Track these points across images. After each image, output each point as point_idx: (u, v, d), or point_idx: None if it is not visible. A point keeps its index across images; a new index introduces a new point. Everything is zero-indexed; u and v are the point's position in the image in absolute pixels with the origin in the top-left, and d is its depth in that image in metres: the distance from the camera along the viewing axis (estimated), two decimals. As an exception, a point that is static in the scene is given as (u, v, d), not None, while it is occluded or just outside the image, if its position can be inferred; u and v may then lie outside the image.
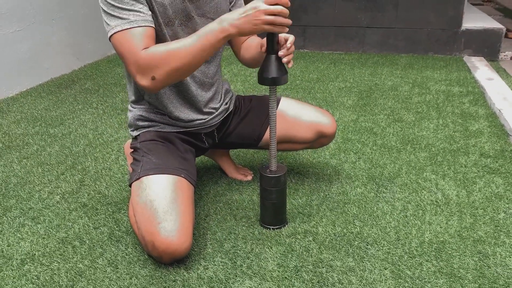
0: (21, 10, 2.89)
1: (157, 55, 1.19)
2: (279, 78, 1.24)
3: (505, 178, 1.72)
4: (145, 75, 1.21)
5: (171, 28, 1.31)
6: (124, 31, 1.19)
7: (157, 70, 1.21)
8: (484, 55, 3.56)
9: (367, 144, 2.05)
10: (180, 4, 1.30)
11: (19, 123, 2.38)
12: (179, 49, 1.20)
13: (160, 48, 1.21)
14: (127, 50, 1.20)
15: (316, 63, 3.50)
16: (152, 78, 1.21)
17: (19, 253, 1.34)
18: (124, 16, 1.19)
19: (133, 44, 1.19)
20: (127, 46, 1.20)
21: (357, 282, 1.20)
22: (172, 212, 1.21)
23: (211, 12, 1.37)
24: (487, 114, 2.37)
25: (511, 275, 1.22)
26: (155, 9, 1.26)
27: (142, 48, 1.20)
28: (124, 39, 1.20)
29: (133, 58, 1.20)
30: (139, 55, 1.19)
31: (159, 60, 1.19)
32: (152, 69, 1.20)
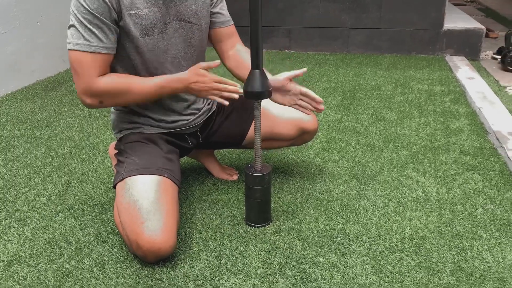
0: (6, 13, 2.88)
1: (112, 87, 1.30)
2: (263, 93, 1.30)
3: (483, 175, 1.77)
4: (92, 97, 1.31)
5: (151, 38, 1.33)
6: (84, 52, 1.25)
7: (107, 99, 1.33)
8: (465, 54, 3.64)
9: (350, 143, 2.09)
10: (158, 12, 1.31)
11: (4, 125, 2.38)
12: (135, 88, 1.32)
13: (118, 81, 1.31)
14: (82, 71, 1.27)
15: (301, 63, 3.54)
16: (99, 102, 1.32)
17: (5, 255, 1.35)
18: (88, 37, 1.24)
19: (89, 69, 1.27)
20: (83, 69, 1.27)
21: (339, 278, 1.24)
22: (156, 211, 1.23)
23: (191, 16, 1.39)
24: (467, 112, 2.43)
25: (487, 268, 1.27)
26: (130, 23, 1.27)
27: (97, 75, 1.28)
28: (81, 60, 1.26)
29: (86, 82, 1.28)
30: (93, 82, 1.28)
31: (112, 92, 1.31)
32: (102, 96, 1.31)
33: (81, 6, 1.21)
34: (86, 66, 1.26)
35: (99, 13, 1.22)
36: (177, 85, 1.33)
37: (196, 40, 1.43)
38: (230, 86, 1.33)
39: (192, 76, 1.32)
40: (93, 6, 1.21)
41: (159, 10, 1.31)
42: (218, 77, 1.33)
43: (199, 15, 1.41)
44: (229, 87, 1.33)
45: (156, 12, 1.31)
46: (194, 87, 1.33)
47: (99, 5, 1.21)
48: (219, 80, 1.33)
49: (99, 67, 1.28)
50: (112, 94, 1.31)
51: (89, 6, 1.21)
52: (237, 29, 1.58)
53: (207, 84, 1.32)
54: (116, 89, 1.30)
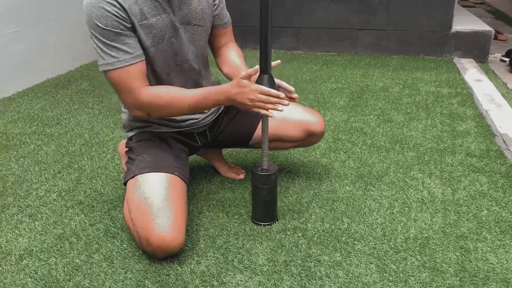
0: (18, 12, 2.92)
1: (158, 100, 1.31)
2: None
3: (489, 177, 1.78)
4: (141, 110, 1.34)
5: (162, 45, 1.34)
6: (117, 70, 1.26)
7: (155, 112, 1.34)
8: (473, 57, 3.63)
9: (357, 143, 2.11)
10: (166, 18, 1.32)
11: (16, 123, 2.42)
12: (180, 99, 1.32)
13: (163, 92, 1.31)
14: (125, 89, 1.29)
15: (309, 64, 3.55)
16: (147, 114, 1.35)
17: (17, 248, 1.39)
18: (114, 54, 1.25)
19: (131, 84, 1.28)
20: (125, 86, 1.29)
21: (344, 276, 1.26)
22: (166, 208, 1.26)
23: (197, 19, 1.40)
24: (474, 114, 2.43)
25: (491, 269, 1.28)
26: (141, 34, 1.29)
27: (141, 87, 1.29)
28: (116, 78, 1.28)
29: (133, 96, 1.30)
30: (140, 95, 1.29)
31: (159, 105, 1.31)
32: (150, 109, 1.33)
33: (96, 26, 1.22)
34: (124, 83, 1.28)
35: (114, 27, 1.23)
36: (219, 97, 1.30)
37: (202, 41, 1.46)
38: (274, 98, 1.26)
39: (233, 88, 1.28)
40: (107, 24, 1.22)
41: (167, 17, 1.32)
42: (261, 88, 1.26)
43: (204, 17, 1.43)
44: (272, 99, 1.26)
45: (165, 18, 1.32)
46: (237, 99, 1.27)
47: (113, 21, 1.22)
48: (262, 92, 1.26)
49: (136, 78, 1.28)
50: (158, 107, 1.32)
51: (103, 25, 1.22)
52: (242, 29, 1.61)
53: (249, 96, 1.26)
54: (160, 102, 1.31)
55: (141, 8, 1.27)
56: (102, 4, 1.21)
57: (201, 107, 1.34)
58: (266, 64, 1.28)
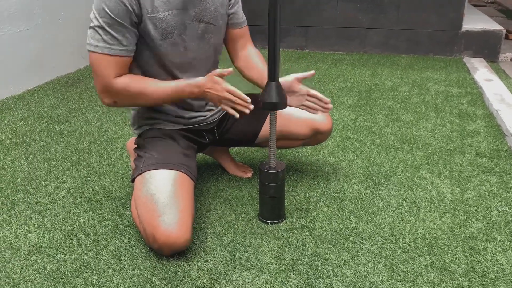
0: (29, 10, 2.95)
1: (128, 89, 1.33)
2: (279, 104, 1.33)
3: (499, 177, 1.76)
4: (109, 97, 1.35)
5: (171, 40, 1.35)
6: (103, 55, 1.29)
7: (123, 100, 1.37)
8: (484, 56, 3.60)
9: (365, 143, 2.10)
10: (178, 14, 1.33)
11: (26, 120, 2.44)
12: (150, 91, 1.34)
13: (134, 82, 1.34)
14: (100, 72, 1.31)
15: (318, 63, 3.54)
16: (114, 102, 1.36)
17: (26, 244, 1.40)
18: (108, 39, 1.27)
19: (107, 70, 1.30)
20: (102, 70, 1.31)
21: (351, 275, 1.25)
22: (172, 205, 1.26)
23: (209, 17, 1.41)
24: (484, 114, 2.41)
25: (501, 269, 1.27)
26: (149, 26, 1.30)
27: (113, 76, 1.31)
28: (100, 61, 1.30)
29: (105, 82, 1.32)
30: (111, 82, 1.32)
31: (128, 94, 1.34)
32: (118, 97, 1.35)
33: (103, 10, 1.24)
34: (104, 68, 1.30)
35: (119, 17, 1.24)
36: (193, 89, 1.35)
37: (215, 40, 1.46)
38: (241, 100, 1.31)
39: (207, 82, 1.33)
40: (114, 11, 1.23)
41: (178, 13, 1.33)
42: (230, 88, 1.32)
43: (218, 16, 1.43)
44: (239, 101, 1.31)
45: (176, 14, 1.33)
46: (208, 93, 1.34)
47: (121, 10, 1.24)
48: (230, 91, 1.31)
49: (118, 68, 1.31)
50: (127, 95, 1.34)
51: (110, 11, 1.23)
52: (251, 28, 1.61)
53: (219, 92, 1.32)
54: (131, 90, 1.33)
55: (153, 1, 1.28)
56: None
57: (174, 99, 1.38)
58: (274, 72, 1.31)
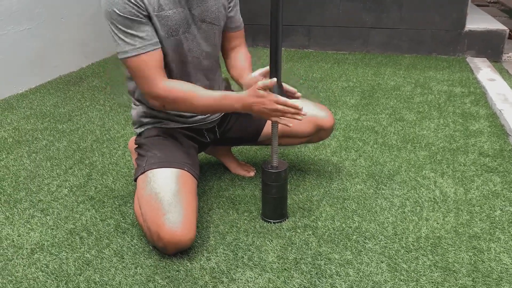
0: (31, 9, 2.95)
1: (175, 95, 1.32)
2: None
3: (502, 177, 1.76)
4: (158, 101, 1.35)
5: (176, 38, 1.35)
6: (134, 58, 1.28)
7: (170, 104, 1.36)
8: (487, 56, 3.58)
9: (368, 142, 2.09)
10: (182, 12, 1.34)
11: (28, 119, 2.44)
12: (197, 98, 1.33)
13: (181, 88, 1.33)
14: (144, 78, 1.30)
15: (320, 62, 3.54)
16: (163, 105, 1.36)
17: (29, 243, 1.40)
18: (130, 41, 1.27)
19: (147, 73, 1.29)
20: (141, 74, 1.30)
21: (354, 274, 1.25)
22: (176, 204, 1.26)
23: (212, 17, 1.41)
24: (487, 114, 2.40)
25: (505, 269, 1.26)
26: (157, 24, 1.30)
27: (160, 79, 1.31)
28: (134, 65, 1.29)
29: (151, 87, 1.31)
30: (158, 87, 1.31)
31: (175, 99, 1.33)
32: (165, 102, 1.34)
33: (115, 13, 1.24)
34: (141, 71, 1.29)
35: (132, 15, 1.25)
36: (235, 103, 1.32)
37: (216, 40, 1.46)
38: (292, 108, 1.28)
39: (250, 97, 1.29)
40: (125, 11, 1.24)
41: (182, 11, 1.34)
42: (279, 98, 1.28)
43: (219, 16, 1.43)
44: (291, 110, 1.28)
45: (180, 12, 1.33)
46: (255, 108, 1.30)
47: (131, 9, 1.24)
48: (280, 102, 1.27)
49: (152, 66, 1.30)
50: (173, 101, 1.34)
51: (122, 12, 1.23)
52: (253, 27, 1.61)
53: (267, 106, 1.28)
54: (175, 97, 1.33)
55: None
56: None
57: (215, 109, 1.37)
58: (276, 74, 1.31)
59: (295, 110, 1.29)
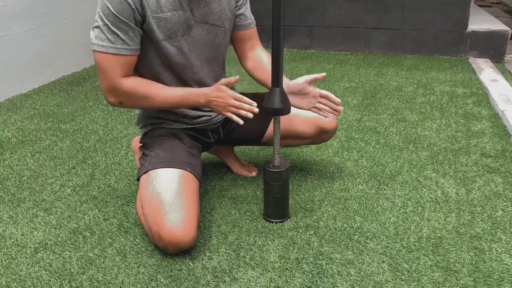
0: (35, 10, 2.97)
1: (135, 91, 1.33)
2: (282, 109, 1.34)
3: (504, 177, 1.76)
4: (115, 97, 1.35)
5: (175, 40, 1.35)
6: (108, 54, 1.29)
7: (128, 101, 1.36)
8: (489, 56, 3.58)
9: (370, 142, 2.10)
10: (183, 14, 1.33)
11: (32, 118, 2.46)
12: (158, 94, 1.35)
13: (140, 85, 1.34)
14: (106, 71, 1.31)
15: (322, 63, 3.54)
16: (119, 102, 1.36)
17: (32, 241, 1.41)
18: (112, 39, 1.27)
19: (112, 69, 1.30)
20: (107, 69, 1.30)
21: (356, 274, 1.25)
22: (178, 204, 1.26)
23: (215, 19, 1.40)
24: (490, 115, 2.40)
25: (506, 270, 1.26)
26: (154, 26, 1.30)
27: (119, 76, 1.31)
28: (106, 61, 1.30)
29: (110, 81, 1.32)
30: (118, 83, 1.32)
31: (134, 96, 1.34)
32: (123, 97, 1.35)
33: (107, 9, 1.24)
34: (110, 67, 1.30)
35: (124, 16, 1.25)
36: (198, 99, 1.36)
37: (219, 42, 1.46)
38: (246, 105, 1.32)
39: (212, 91, 1.33)
40: (118, 10, 1.24)
41: (183, 13, 1.33)
42: (236, 95, 1.32)
43: (223, 17, 1.43)
44: (245, 106, 1.31)
45: (181, 15, 1.33)
46: (213, 102, 1.34)
47: (125, 9, 1.24)
48: (236, 98, 1.32)
49: (123, 68, 1.31)
50: (132, 97, 1.35)
51: (115, 10, 1.23)
52: (257, 28, 1.61)
53: (224, 100, 1.32)
54: (137, 93, 1.34)
55: (158, 0, 1.28)
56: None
57: (178, 106, 1.38)
58: (277, 78, 1.32)
59: (249, 107, 1.32)
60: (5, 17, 2.75)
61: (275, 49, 1.29)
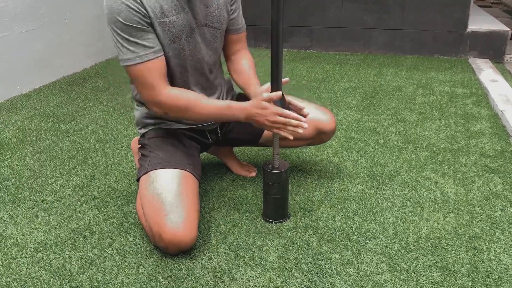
0: (35, 10, 2.97)
1: (177, 102, 1.33)
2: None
3: (503, 178, 1.76)
4: (159, 108, 1.35)
5: (178, 44, 1.35)
6: (137, 66, 1.28)
7: (172, 112, 1.36)
8: (489, 57, 3.58)
9: (369, 143, 2.10)
10: (185, 18, 1.34)
11: (32, 119, 2.46)
12: (200, 107, 1.33)
13: (184, 96, 1.33)
14: (146, 85, 1.31)
15: (322, 63, 3.54)
16: (165, 113, 1.37)
17: (32, 242, 1.41)
18: (134, 49, 1.27)
19: (150, 81, 1.30)
20: (144, 82, 1.30)
21: (355, 274, 1.25)
22: (178, 204, 1.27)
23: (214, 21, 1.41)
24: (489, 115, 2.41)
25: (504, 269, 1.27)
26: (159, 31, 1.30)
27: (164, 87, 1.31)
28: (139, 74, 1.29)
29: (154, 95, 1.31)
30: (160, 96, 1.31)
31: (177, 107, 1.33)
32: (168, 109, 1.35)
33: (117, 21, 1.24)
34: (144, 78, 1.30)
35: (135, 23, 1.24)
36: (239, 113, 1.33)
37: (218, 43, 1.47)
38: (293, 120, 1.29)
39: (253, 108, 1.31)
40: (127, 19, 1.23)
41: (185, 16, 1.34)
42: (280, 111, 1.29)
43: (222, 20, 1.43)
44: (292, 122, 1.29)
45: (183, 18, 1.33)
46: (257, 119, 1.31)
47: (132, 16, 1.24)
48: (281, 114, 1.29)
49: (156, 74, 1.30)
50: (173, 109, 1.35)
51: (124, 19, 1.23)
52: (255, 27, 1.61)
53: (269, 118, 1.29)
54: (178, 105, 1.33)
55: (161, 5, 1.28)
56: (124, 0, 1.23)
57: (219, 118, 1.38)
58: (277, 85, 1.32)
59: (297, 123, 1.29)
60: (6, 18, 2.75)
61: (274, 57, 1.30)
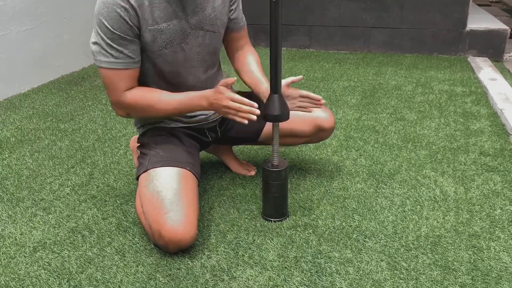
0: (34, 9, 2.96)
1: (138, 102, 1.35)
2: (281, 116, 1.35)
3: (503, 176, 1.76)
4: (121, 109, 1.38)
5: (170, 50, 1.35)
6: (112, 69, 1.30)
7: (134, 112, 1.39)
8: (488, 55, 3.59)
9: (368, 141, 2.10)
10: (178, 24, 1.34)
11: (31, 118, 2.46)
12: (161, 102, 1.35)
13: (144, 96, 1.35)
14: (111, 87, 1.33)
15: (321, 62, 3.54)
16: (127, 114, 1.39)
17: (31, 241, 1.41)
18: (115, 54, 1.28)
19: (117, 84, 1.32)
20: (112, 84, 1.33)
21: (354, 273, 1.25)
22: (178, 203, 1.27)
23: (209, 24, 1.41)
24: (488, 113, 2.41)
25: (504, 268, 1.27)
26: (149, 38, 1.30)
27: (124, 89, 1.33)
28: (109, 76, 1.31)
29: (116, 96, 1.34)
30: (122, 96, 1.34)
31: (138, 107, 1.35)
32: (129, 109, 1.37)
33: (104, 26, 1.24)
34: (115, 82, 1.32)
35: (121, 32, 1.25)
36: (201, 102, 1.34)
37: (214, 46, 1.46)
38: (245, 106, 1.27)
39: (212, 94, 1.32)
40: (114, 26, 1.24)
41: (178, 22, 1.34)
42: (234, 96, 1.28)
43: (218, 23, 1.43)
44: (243, 107, 1.27)
45: (176, 24, 1.33)
46: (214, 104, 1.32)
47: (121, 25, 1.24)
48: (234, 99, 1.28)
49: (128, 81, 1.33)
50: (137, 108, 1.36)
51: (111, 27, 1.24)
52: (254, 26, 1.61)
53: (223, 102, 1.29)
54: (141, 104, 1.35)
55: (153, 12, 1.28)
56: (115, 7, 1.23)
57: (183, 110, 1.38)
58: (276, 84, 1.32)
59: (248, 109, 1.28)
60: (4, 17, 2.74)
61: (273, 56, 1.29)
